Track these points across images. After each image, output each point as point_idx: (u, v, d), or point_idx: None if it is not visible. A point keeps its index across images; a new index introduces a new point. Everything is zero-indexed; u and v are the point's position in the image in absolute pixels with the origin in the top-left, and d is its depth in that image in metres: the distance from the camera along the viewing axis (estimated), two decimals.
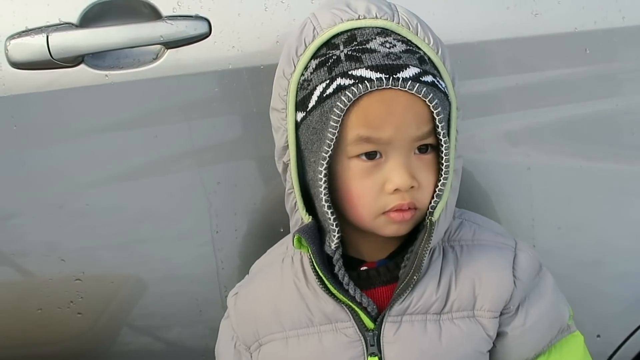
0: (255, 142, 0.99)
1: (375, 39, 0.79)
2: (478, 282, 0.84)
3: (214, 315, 1.11)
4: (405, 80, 0.75)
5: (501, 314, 0.85)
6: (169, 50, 0.94)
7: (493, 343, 0.86)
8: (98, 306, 1.12)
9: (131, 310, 1.14)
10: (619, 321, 1.18)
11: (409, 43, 0.80)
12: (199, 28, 0.94)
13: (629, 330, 1.17)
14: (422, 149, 0.80)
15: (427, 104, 0.76)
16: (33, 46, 0.92)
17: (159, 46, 0.94)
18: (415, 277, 0.82)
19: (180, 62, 0.94)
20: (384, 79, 0.75)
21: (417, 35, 0.80)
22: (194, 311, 1.14)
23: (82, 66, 0.93)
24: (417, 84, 0.75)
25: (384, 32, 0.80)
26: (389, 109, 0.76)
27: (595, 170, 1.07)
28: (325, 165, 0.79)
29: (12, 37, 0.93)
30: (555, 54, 1.00)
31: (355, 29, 0.80)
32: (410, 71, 0.76)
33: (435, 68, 0.80)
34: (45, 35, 0.91)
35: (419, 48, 0.80)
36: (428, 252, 0.81)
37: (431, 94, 0.75)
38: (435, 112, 0.76)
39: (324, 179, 0.80)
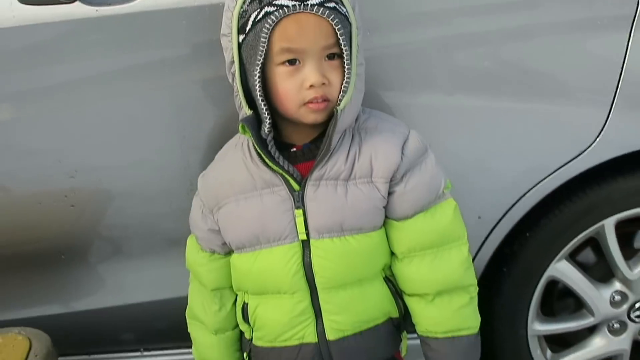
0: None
1: None
2: (374, 156, 1.13)
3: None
4: (312, 5, 1.04)
5: (391, 180, 1.14)
6: None
7: (387, 201, 1.16)
8: (87, 199, 1.39)
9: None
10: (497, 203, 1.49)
11: None
12: None
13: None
14: (330, 57, 1.08)
15: (330, 23, 1.05)
16: None
17: None
18: (328, 152, 1.11)
19: None
20: (297, 5, 1.04)
21: None
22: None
23: (77, 3, 1.20)
24: (322, 8, 1.04)
25: None
26: (302, 26, 1.05)
27: None
28: (258, 70, 1.07)
29: None
30: None
31: None
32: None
33: None
34: None
35: None
36: (336, 133, 1.10)
37: (333, 15, 1.05)
38: (336, 28, 1.06)
39: (258, 80, 1.08)
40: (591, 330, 1.69)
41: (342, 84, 1.10)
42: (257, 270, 1.18)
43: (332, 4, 1.06)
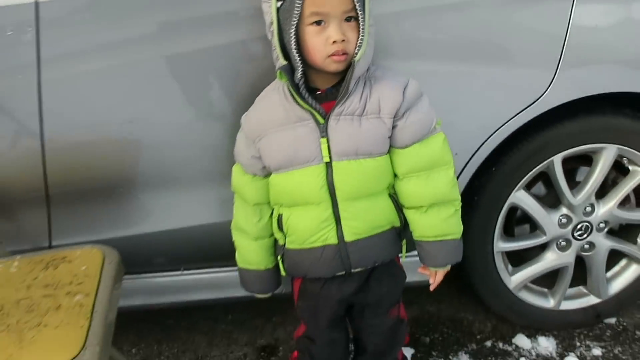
0: None
1: None
2: (381, 97, 1.44)
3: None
4: None
5: (394, 116, 1.45)
6: None
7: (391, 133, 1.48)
8: (142, 141, 1.68)
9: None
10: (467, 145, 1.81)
11: None
12: None
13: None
14: (348, 19, 1.38)
15: None
16: None
17: None
18: (346, 93, 1.42)
19: None
20: None
21: None
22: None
23: None
24: None
25: None
26: None
27: None
28: (293, 29, 1.36)
29: None
30: None
31: None
32: None
33: None
34: None
35: None
36: (353, 79, 1.40)
37: None
38: None
39: (293, 37, 1.37)
40: (543, 248, 2.07)
41: (358, 40, 1.40)
42: (291, 186, 1.50)
43: None
